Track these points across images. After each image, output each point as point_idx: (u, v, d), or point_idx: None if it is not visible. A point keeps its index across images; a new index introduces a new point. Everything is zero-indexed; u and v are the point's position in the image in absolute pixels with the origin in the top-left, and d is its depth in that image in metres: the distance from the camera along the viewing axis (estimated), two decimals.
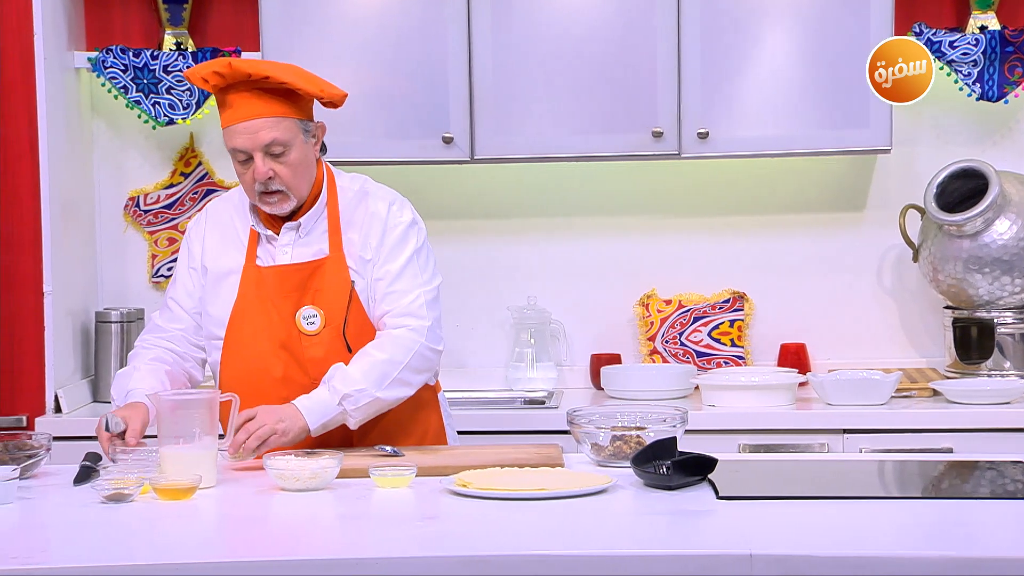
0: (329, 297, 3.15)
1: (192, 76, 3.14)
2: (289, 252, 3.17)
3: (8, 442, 2.96)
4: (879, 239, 4.48)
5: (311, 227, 3.19)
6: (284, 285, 3.15)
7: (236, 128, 3.10)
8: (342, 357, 3.12)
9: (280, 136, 3.09)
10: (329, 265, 3.16)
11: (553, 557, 2.34)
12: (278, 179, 3.11)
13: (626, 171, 4.46)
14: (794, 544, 2.39)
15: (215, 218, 3.27)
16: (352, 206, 3.21)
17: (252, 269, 3.18)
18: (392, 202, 3.23)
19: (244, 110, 3.09)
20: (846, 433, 3.97)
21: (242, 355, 3.16)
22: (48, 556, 2.41)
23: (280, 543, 2.49)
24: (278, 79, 3.09)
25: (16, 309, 4.10)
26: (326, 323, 3.14)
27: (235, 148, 3.11)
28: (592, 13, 4.17)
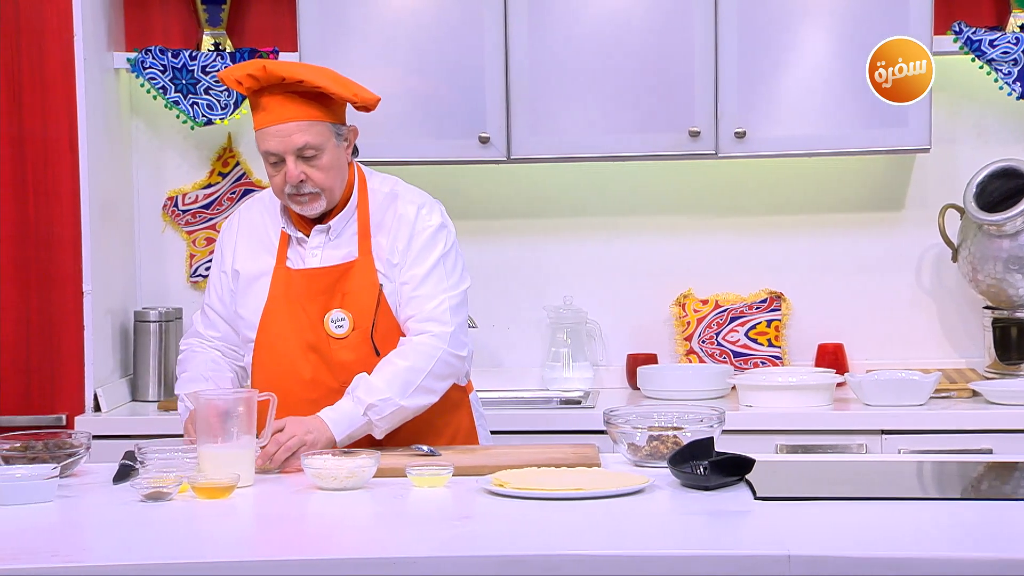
0: (358, 300, 3.15)
1: (226, 78, 3.15)
2: (319, 255, 3.18)
3: (48, 441, 2.98)
4: (918, 239, 4.46)
5: (341, 230, 3.19)
6: (313, 288, 3.16)
7: (268, 131, 3.11)
8: (370, 360, 3.13)
9: (312, 140, 3.10)
10: (358, 268, 3.17)
11: (590, 557, 2.34)
12: (310, 182, 3.12)
13: (663, 171, 4.45)
14: (832, 545, 2.38)
15: (247, 220, 3.29)
16: (382, 208, 3.21)
17: (282, 271, 3.19)
18: (421, 205, 3.23)
19: (277, 113, 3.10)
20: (884, 434, 3.95)
21: (272, 357, 3.18)
22: (88, 554, 2.43)
23: (317, 542, 2.50)
24: (312, 83, 3.09)
25: (56, 309, 4.13)
26: (354, 326, 3.15)
27: (267, 151, 3.12)
28: (629, 13, 4.16)
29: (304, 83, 3.09)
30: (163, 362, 4.35)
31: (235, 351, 3.30)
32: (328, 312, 3.16)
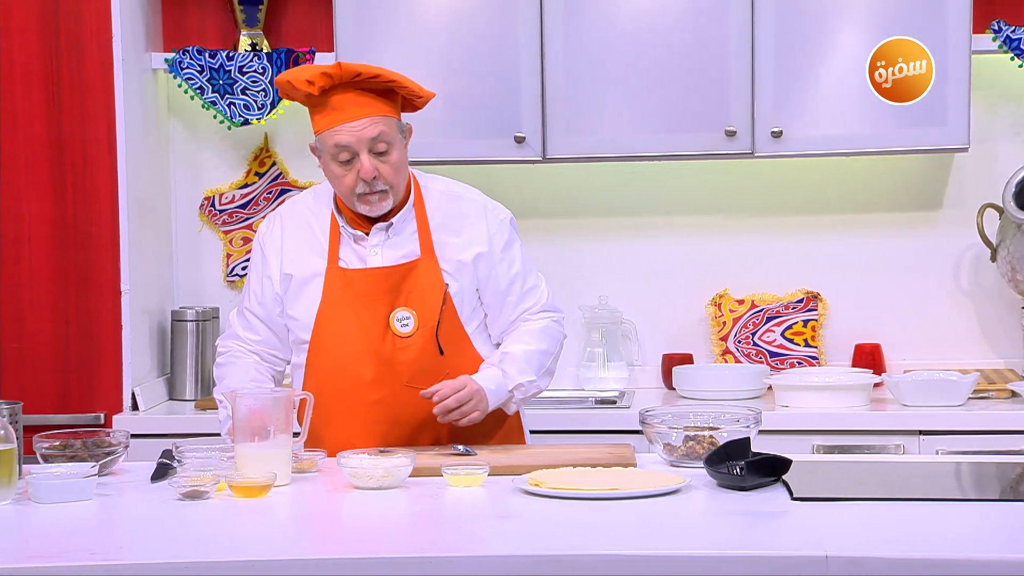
0: (422, 299, 3.15)
1: (296, 80, 3.12)
2: (379, 253, 3.18)
3: (87, 439, 3.00)
4: (956, 238, 4.43)
5: (401, 228, 3.19)
6: (378, 287, 3.16)
7: (341, 128, 3.11)
8: (434, 359, 3.14)
9: (385, 131, 3.12)
10: (422, 267, 3.17)
11: (626, 557, 2.33)
12: (381, 178, 3.12)
13: (699, 170, 4.44)
14: (870, 546, 2.37)
15: (290, 222, 3.27)
16: (440, 207, 3.22)
17: (336, 271, 3.18)
18: (485, 203, 3.27)
19: (350, 111, 3.11)
20: (922, 435, 3.93)
21: (330, 357, 3.17)
22: (126, 552, 2.44)
23: (354, 541, 2.51)
24: (387, 77, 3.13)
25: (94, 308, 4.16)
26: (419, 325, 3.15)
27: (338, 144, 3.11)
28: (664, 12, 4.15)
29: (380, 77, 3.12)
30: (200, 361, 4.37)
31: (274, 355, 3.30)
32: (394, 311, 3.16)
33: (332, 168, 3.15)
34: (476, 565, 2.33)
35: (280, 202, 4.57)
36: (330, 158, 3.14)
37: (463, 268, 3.19)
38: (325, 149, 3.14)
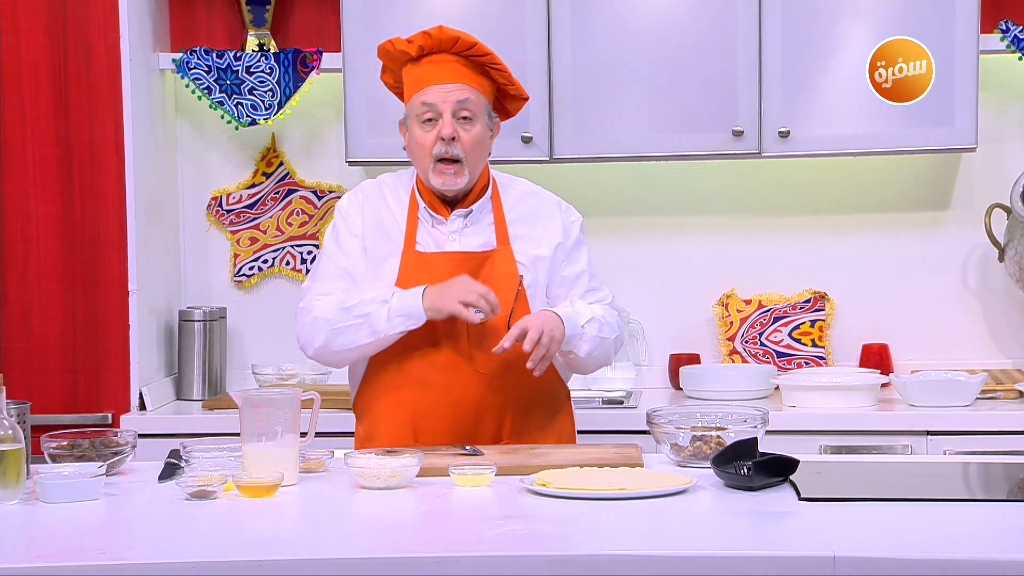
0: (497, 287, 3.18)
1: (395, 41, 3.22)
2: (457, 240, 3.23)
3: (94, 439, 3.00)
4: (964, 239, 4.43)
5: (478, 218, 3.24)
6: (455, 271, 3.19)
7: (430, 89, 3.19)
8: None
9: (472, 98, 3.20)
10: (498, 257, 3.22)
11: (634, 557, 2.33)
12: (460, 143, 3.17)
13: (706, 170, 4.44)
14: (877, 546, 2.37)
15: (369, 198, 3.30)
16: (517, 203, 3.28)
17: (412, 253, 3.22)
18: (559, 202, 3.34)
19: (442, 73, 3.20)
20: (930, 435, 3.92)
21: (400, 339, 3.17)
22: (134, 552, 2.44)
23: (361, 541, 2.51)
24: (483, 48, 3.21)
25: (102, 308, 4.17)
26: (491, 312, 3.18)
27: (424, 102, 3.18)
28: (672, 12, 4.15)
29: (477, 46, 3.21)
30: (207, 361, 4.38)
31: None
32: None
33: (415, 132, 3.22)
34: (484, 565, 2.33)
35: (288, 202, 4.58)
36: (414, 119, 3.21)
37: (538, 262, 3.24)
38: (411, 111, 3.22)
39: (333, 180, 4.58)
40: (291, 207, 4.58)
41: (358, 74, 4.22)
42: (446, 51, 3.22)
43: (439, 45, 3.21)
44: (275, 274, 4.60)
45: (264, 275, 4.59)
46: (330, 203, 4.57)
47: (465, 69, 3.22)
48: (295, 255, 4.58)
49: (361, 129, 4.24)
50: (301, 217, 4.58)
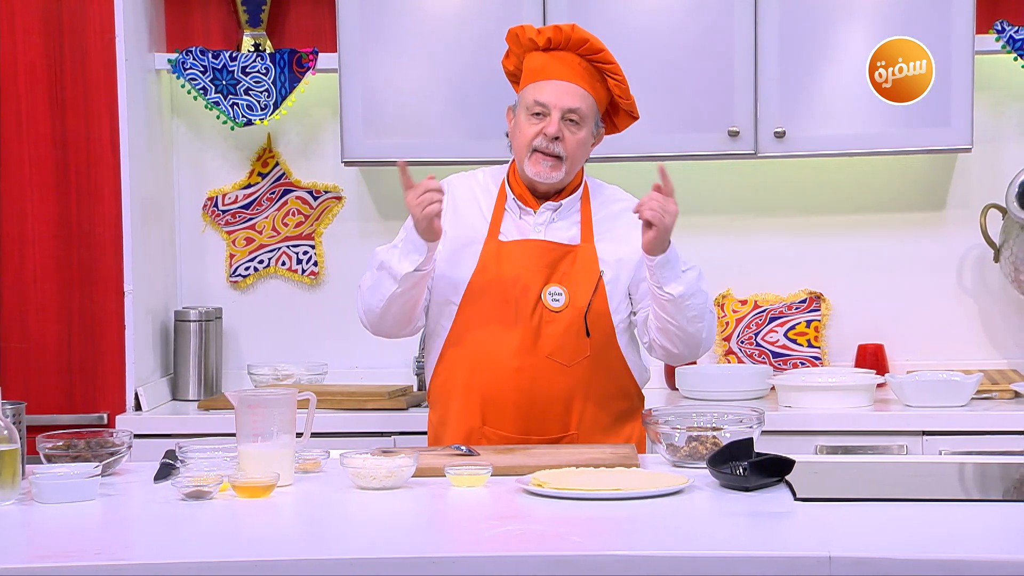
0: (577, 280, 3.23)
1: (526, 28, 3.26)
2: (542, 231, 3.27)
3: (90, 439, 3.00)
4: (959, 239, 4.43)
5: (566, 214, 3.29)
6: (538, 260, 3.23)
7: (547, 84, 3.23)
8: (579, 339, 3.22)
9: (583, 107, 3.24)
10: (581, 252, 3.26)
11: (630, 557, 2.33)
12: (563, 143, 3.22)
13: (702, 171, 4.44)
14: (873, 546, 2.37)
15: (458, 189, 3.36)
16: (604, 204, 3.33)
17: (494, 242, 3.26)
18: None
19: (564, 71, 3.24)
20: (925, 435, 3.93)
21: (477, 322, 3.22)
22: (130, 552, 2.44)
23: (357, 541, 2.51)
24: (609, 56, 3.24)
25: (97, 308, 4.16)
26: (569, 303, 3.22)
27: (537, 100, 3.23)
28: (669, 13, 4.16)
29: (604, 53, 3.24)
30: (203, 361, 4.38)
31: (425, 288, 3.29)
32: (548, 285, 3.23)
33: (521, 120, 3.26)
34: (480, 566, 2.33)
35: (284, 203, 4.57)
36: (524, 110, 3.26)
37: (621, 264, 3.27)
38: (523, 101, 3.26)
39: (329, 180, 4.58)
40: (287, 207, 4.58)
41: (354, 74, 4.22)
42: (572, 50, 3.25)
43: (567, 43, 3.25)
44: (271, 274, 4.60)
45: (260, 275, 4.59)
46: (326, 203, 4.57)
47: (585, 72, 3.25)
48: (291, 255, 4.58)
49: (357, 129, 4.24)
50: (297, 217, 4.58)
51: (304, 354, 4.55)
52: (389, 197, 4.56)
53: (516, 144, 3.29)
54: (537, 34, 3.26)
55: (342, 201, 4.58)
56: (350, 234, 4.59)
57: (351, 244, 4.57)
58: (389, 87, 4.23)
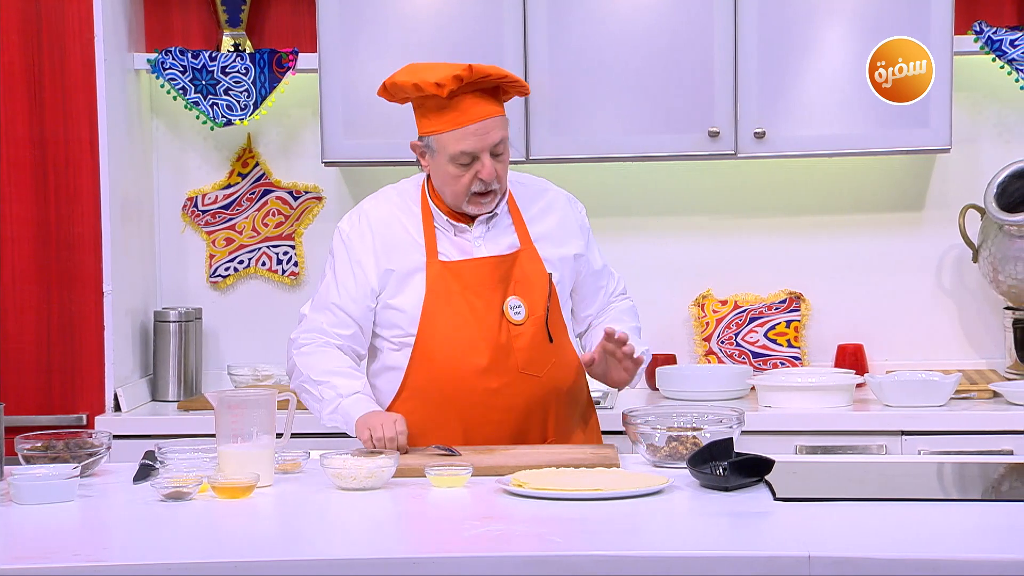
0: (530, 288, 3.22)
1: (423, 83, 3.11)
2: (482, 245, 3.24)
3: (69, 440, 2.99)
4: (938, 239, 4.45)
5: (498, 220, 3.26)
6: (491, 277, 3.21)
7: (467, 130, 3.13)
8: (543, 347, 3.20)
9: (505, 134, 3.19)
10: (524, 257, 3.24)
11: (610, 558, 2.34)
12: (498, 178, 3.18)
13: (682, 171, 4.45)
14: (852, 546, 2.38)
15: (377, 219, 3.26)
16: (531, 201, 3.30)
17: (437, 264, 3.21)
18: (567, 196, 3.38)
19: (473, 112, 3.14)
20: (904, 435, 3.94)
21: (442, 348, 3.17)
22: (108, 553, 2.44)
23: (337, 542, 2.50)
24: (512, 77, 3.17)
25: (77, 309, 4.15)
26: (529, 313, 3.21)
27: (463, 151, 3.13)
28: (648, 13, 4.16)
29: (507, 78, 3.17)
30: (183, 362, 4.37)
31: (356, 351, 3.28)
32: (507, 299, 3.21)
33: (448, 169, 3.17)
34: (460, 566, 2.33)
35: (264, 203, 4.56)
36: (447, 160, 3.16)
37: (564, 262, 3.28)
38: (442, 151, 3.16)
39: (309, 181, 4.57)
40: (267, 208, 4.57)
41: (334, 75, 4.22)
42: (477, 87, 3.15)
43: (467, 87, 3.13)
44: (251, 275, 4.59)
45: (240, 276, 4.59)
46: (306, 203, 4.56)
47: (491, 102, 3.16)
48: (271, 256, 4.58)
49: (337, 130, 4.24)
50: (277, 218, 4.57)
51: (284, 354, 4.53)
52: None
53: (447, 190, 3.19)
54: (438, 88, 3.11)
55: (322, 201, 4.57)
56: (330, 234, 4.54)
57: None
58: (369, 87, 4.21)
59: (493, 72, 3.15)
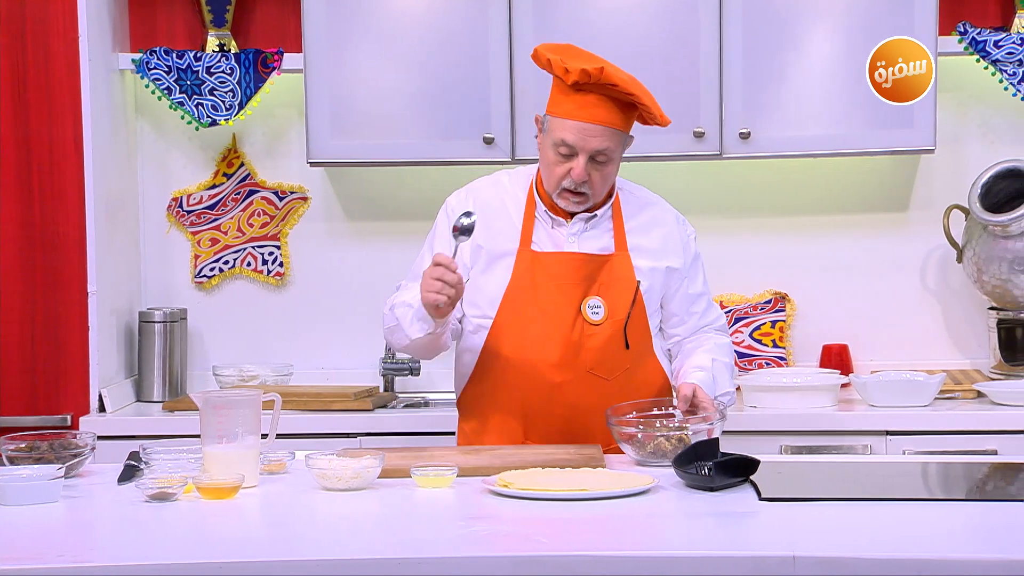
0: (615, 292, 3.21)
1: (556, 62, 3.14)
2: (576, 242, 3.24)
3: (53, 441, 2.98)
4: (923, 240, 4.46)
5: (599, 222, 3.25)
6: (576, 273, 3.21)
7: (576, 124, 3.14)
8: (619, 352, 3.20)
9: (611, 147, 3.16)
10: (616, 262, 3.24)
11: (596, 558, 2.34)
12: (590, 184, 3.17)
13: (668, 171, 4.45)
14: (837, 546, 2.38)
15: (480, 200, 3.28)
16: (636, 211, 3.30)
17: (528, 252, 3.22)
18: (677, 215, 3.36)
19: (589, 112, 3.14)
20: (889, 435, 3.95)
21: (516, 336, 3.18)
22: (93, 554, 2.43)
23: (323, 543, 2.50)
24: (639, 99, 3.14)
25: (62, 309, 4.14)
26: (608, 316, 3.20)
27: (563, 141, 3.15)
28: (633, 13, 4.16)
29: (633, 96, 3.14)
30: (168, 362, 4.36)
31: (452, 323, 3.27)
32: (587, 298, 3.20)
33: (548, 153, 3.19)
34: (446, 566, 2.33)
35: (249, 203, 4.56)
36: (551, 144, 3.18)
37: (655, 273, 3.26)
38: (550, 133, 3.18)
39: (295, 181, 4.57)
40: (252, 208, 4.56)
41: (320, 75, 4.21)
42: (600, 93, 3.14)
43: (596, 87, 3.13)
44: (236, 275, 4.59)
45: (225, 276, 4.58)
46: (292, 204, 4.56)
47: (612, 109, 3.15)
48: (256, 256, 4.57)
49: (323, 130, 4.23)
50: (262, 218, 4.57)
51: (270, 355, 4.54)
52: (355, 198, 4.55)
53: (545, 172, 3.22)
54: (565, 72, 3.14)
55: (308, 202, 4.57)
56: (316, 235, 4.58)
57: (317, 245, 4.56)
58: (355, 87, 4.22)
59: (620, 84, 3.12)
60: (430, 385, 4.45)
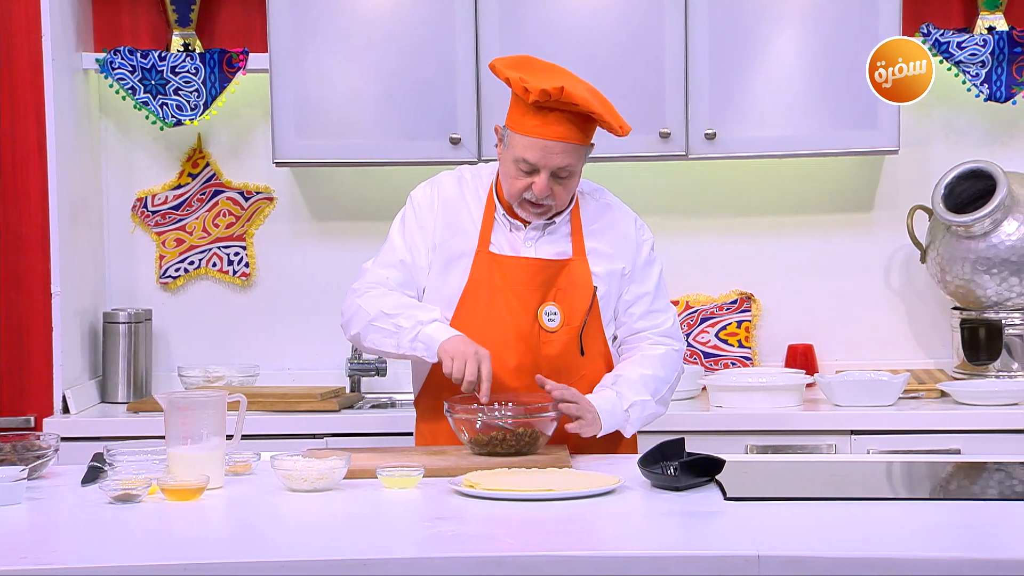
0: (571, 298, 3.19)
1: (515, 80, 3.10)
2: (533, 246, 3.21)
3: (16, 443, 2.97)
4: (887, 240, 4.48)
5: (557, 227, 3.22)
6: (533, 279, 3.19)
7: (534, 141, 3.10)
8: (574, 358, 3.18)
9: (572, 163, 3.13)
10: (574, 267, 3.21)
11: (561, 558, 2.34)
12: (553, 197, 3.14)
13: (633, 172, 4.45)
14: (802, 545, 2.39)
15: (442, 196, 3.25)
16: (595, 215, 3.26)
17: (486, 254, 3.20)
18: (635, 218, 3.32)
19: (551, 129, 3.10)
20: (854, 434, 3.96)
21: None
22: (57, 556, 2.42)
23: (288, 544, 2.49)
24: (603, 117, 3.11)
25: (24, 310, 4.12)
26: (564, 323, 3.18)
27: (523, 159, 3.11)
28: (600, 15, 4.17)
29: (594, 114, 3.10)
30: (132, 363, 4.34)
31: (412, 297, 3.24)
32: (543, 304, 3.18)
33: (510, 167, 3.15)
34: (412, 567, 2.33)
35: (214, 203, 4.54)
36: (512, 159, 3.14)
37: (611, 276, 3.23)
38: (511, 149, 3.14)
39: (260, 181, 4.55)
40: (218, 208, 4.55)
41: (285, 75, 4.20)
42: (561, 111, 3.10)
43: (557, 105, 3.09)
44: (201, 275, 4.57)
45: (190, 276, 4.56)
46: (257, 204, 4.54)
47: (571, 127, 3.11)
48: (222, 256, 4.55)
49: (288, 130, 4.22)
50: (228, 218, 4.55)
51: (235, 356, 4.52)
52: (321, 198, 4.54)
53: (505, 182, 3.18)
54: (524, 92, 3.10)
55: (273, 202, 4.55)
56: (282, 235, 4.56)
57: (283, 245, 4.55)
58: (320, 88, 4.21)
59: (582, 103, 3.08)
60: (396, 386, 4.45)
